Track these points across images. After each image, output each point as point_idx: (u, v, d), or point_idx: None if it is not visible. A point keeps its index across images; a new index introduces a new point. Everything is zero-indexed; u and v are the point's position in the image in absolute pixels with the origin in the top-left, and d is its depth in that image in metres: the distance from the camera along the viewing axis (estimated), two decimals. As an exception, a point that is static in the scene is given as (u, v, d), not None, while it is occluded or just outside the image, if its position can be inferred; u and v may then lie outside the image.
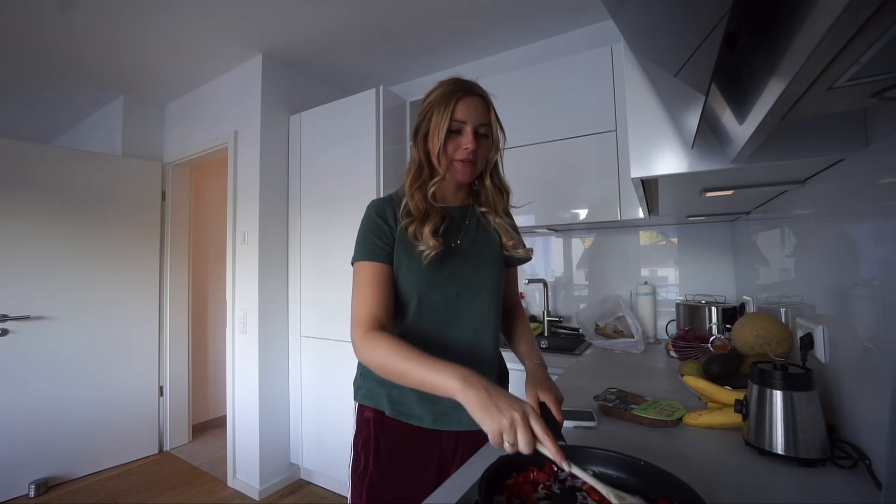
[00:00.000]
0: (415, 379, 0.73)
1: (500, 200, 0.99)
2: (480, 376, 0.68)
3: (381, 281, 0.87)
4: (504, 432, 0.60)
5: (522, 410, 0.61)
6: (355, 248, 0.91)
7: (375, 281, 0.86)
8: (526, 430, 0.59)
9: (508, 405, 0.62)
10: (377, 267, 0.87)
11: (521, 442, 0.59)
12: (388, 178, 2.12)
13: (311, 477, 2.45)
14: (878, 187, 0.67)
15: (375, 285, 0.86)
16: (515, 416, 0.60)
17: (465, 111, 0.87)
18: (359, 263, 0.89)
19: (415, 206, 0.90)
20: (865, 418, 0.72)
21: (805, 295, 1.02)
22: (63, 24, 2.03)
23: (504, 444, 0.60)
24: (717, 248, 1.92)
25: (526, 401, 0.65)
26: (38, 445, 2.38)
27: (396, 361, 0.76)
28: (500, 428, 0.60)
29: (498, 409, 0.61)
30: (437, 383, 0.70)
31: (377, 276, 0.87)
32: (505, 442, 0.60)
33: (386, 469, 0.90)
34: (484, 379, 0.67)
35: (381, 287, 0.86)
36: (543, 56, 2.25)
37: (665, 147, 0.85)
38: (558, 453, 0.58)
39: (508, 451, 0.60)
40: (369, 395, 0.94)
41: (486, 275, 0.94)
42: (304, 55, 2.42)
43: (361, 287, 0.87)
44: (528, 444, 0.59)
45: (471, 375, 0.67)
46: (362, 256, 0.88)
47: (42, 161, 2.48)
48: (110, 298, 2.69)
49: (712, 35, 0.42)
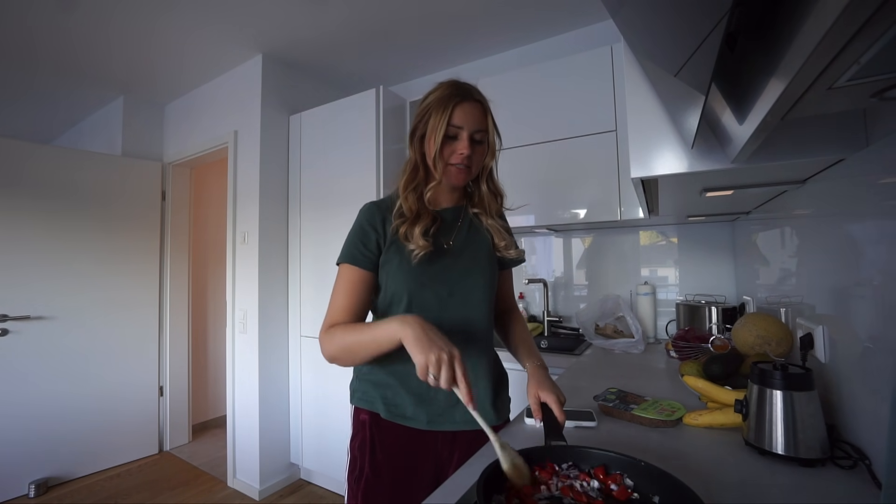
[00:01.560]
0: (367, 343, 0.80)
1: (493, 203, 1.00)
2: (419, 318, 0.74)
3: (356, 288, 0.90)
4: (430, 366, 0.66)
5: (450, 352, 0.67)
6: (342, 248, 0.93)
7: (351, 287, 0.90)
8: (449, 368, 0.66)
9: (440, 345, 0.68)
10: (356, 273, 0.90)
11: (442, 378, 0.65)
12: (388, 177, 2.12)
13: (311, 477, 2.45)
14: (878, 187, 0.67)
15: (349, 292, 0.90)
16: (443, 356, 0.66)
17: (462, 117, 0.87)
18: (342, 265, 0.92)
19: (408, 207, 0.91)
20: (865, 418, 0.72)
21: (805, 295, 1.02)
22: (63, 24, 2.03)
23: (428, 377, 0.66)
24: (717, 248, 1.92)
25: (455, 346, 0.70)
26: (38, 445, 2.38)
27: (347, 337, 0.82)
28: (426, 361, 0.66)
29: (430, 345, 0.68)
30: (383, 334, 0.76)
31: (353, 284, 0.90)
32: (429, 375, 0.66)
33: (382, 471, 0.90)
34: (423, 320, 0.73)
35: (354, 295, 0.90)
36: (543, 56, 2.25)
37: (665, 147, 0.85)
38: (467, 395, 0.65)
39: (432, 384, 0.67)
40: (365, 397, 0.94)
41: (478, 275, 0.95)
42: (304, 55, 2.43)
43: (338, 292, 0.90)
44: (448, 381, 0.65)
45: (408, 317, 0.74)
46: (345, 259, 0.92)
47: (42, 161, 2.48)
48: (110, 298, 2.69)
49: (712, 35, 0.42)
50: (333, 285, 0.92)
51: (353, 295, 0.89)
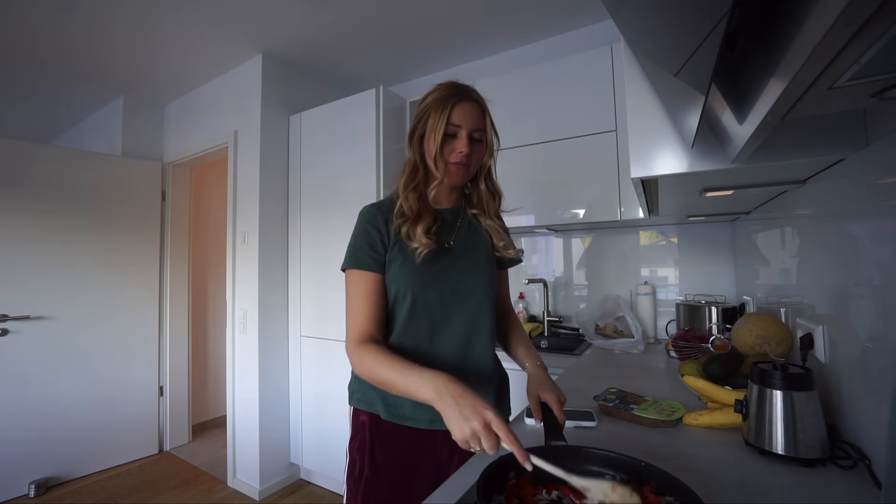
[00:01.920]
0: (399, 389, 0.77)
1: (492, 203, 1.01)
2: (452, 383, 0.70)
3: (371, 292, 0.89)
4: (469, 441, 0.64)
5: (483, 419, 0.64)
6: (346, 255, 0.93)
7: (366, 293, 0.89)
8: (488, 436, 0.63)
9: (471, 414, 0.65)
10: (368, 277, 0.90)
11: (486, 446, 0.63)
12: (388, 177, 2.12)
13: (311, 477, 2.45)
14: (878, 187, 0.67)
15: (366, 297, 0.89)
16: (476, 427, 0.64)
17: (460, 116, 0.88)
18: (350, 271, 0.91)
19: (408, 206, 0.91)
20: (865, 418, 0.72)
21: (805, 295, 1.02)
22: (63, 24, 2.03)
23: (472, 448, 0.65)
24: (717, 248, 1.92)
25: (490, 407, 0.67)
26: (38, 445, 2.38)
27: (381, 372, 0.79)
28: (464, 438, 0.65)
29: (463, 420, 0.65)
30: (415, 392, 0.74)
31: (368, 288, 0.89)
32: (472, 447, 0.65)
33: (381, 472, 0.90)
34: (454, 386, 0.70)
35: (371, 299, 0.89)
36: (543, 56, 2.24)
37: (665, 147, 0.85)
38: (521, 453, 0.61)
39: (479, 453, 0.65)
40: (364, 398, 0.94)
41: (478, 274, 0.95)
42: (304, 55, 2.42)
43: (354, 299, 0.90)
44: (492, 447, 0.63)
45: (442, 386, 0.70)
46: (353, 265, 0.91)
47: (42, 161, 2.48)
48: (110, 298, 2.69)
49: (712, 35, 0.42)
50: (346, 293, 0.91)
51: (370, 300, 0.89)
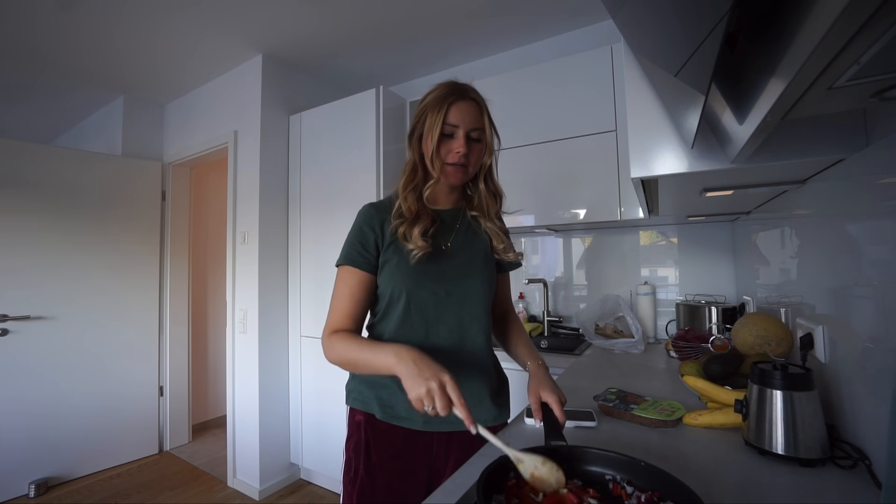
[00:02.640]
0: (367, 365, 0.81)
1: (492, 204, 1.00)
2: (412, 349, 0.74)
3: (354, 290, 0.91)
4: (423, 399, 0.67)
5: (439, 380, 0.67)
6: (342, 249, 0.94)
7: (349, 291, 0.91)
8: (442, 396, 0.66)
9: (429, 375, 0.68)
10: (355, 275, 0.91)
11: (438, 406, 0.66)
12: (388, 177, 2.12)
13: (311, 477, 2.45)
14: (878, 187, 0.67)
15: (349, 294, 0.91)
16: (432, 385, 0.67)
17: (457, 115, 0.88)
18: (341, 267, 0.93)
19: (407, 207, 0.91)
20: (865, 418, 0.72)
21: (805, 295, 1.02)
22: (63, 24, 2.03)
23: (425, 408, 0.67)
24: (717, 248, 1.92)
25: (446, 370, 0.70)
26: (38, 445, 2.38)
27: (348, 353, 0.84)
28: (419, 395, 0.67)
29: (421, 378, 0.68)
30: (379, 363, 0.77)
31: (352, 286, 0.91)
32: (425, 407, 0.67)
33: (376, 472, 0.90)
34: (415, 352, 0.74)
35: (353, 297, 0.91)
36: (543, 56, 2.25)
37: (665, 147, 0.85)
38: (468, 417, 0.65)
39: (431, 414, 0.67)
40: (360, 398, 0.94)
41: (475, 276, 0.95)
42: (304, 55, 2.42)
43: (338, 295, 0.91)
44: (444, 408, 0.66)
45: (402, 351, 0.74)
46: (344, 261, 0.92)
47: (42, 161, 2.48)
48: (110, 298, 2.69)
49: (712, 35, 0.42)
50: (333, 287, 0.92)
51: (352, 298, 0.90)
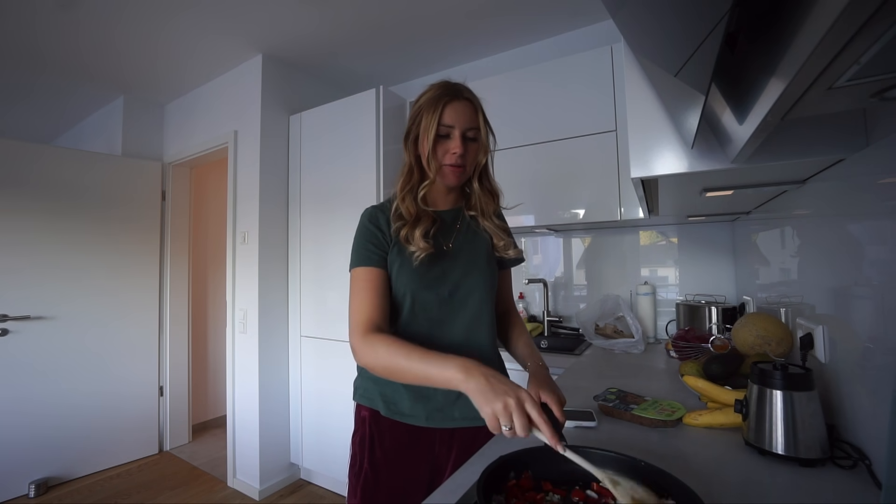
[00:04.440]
0: (418, 375, 0.74)
1: (490, 203, 0.99)
2: (480, 364, 0.69)
3: (376, 285, 0.88)
4: (499, 416, 0.61)
5: (517, 396, 0.62)
6: (351, 256, 0.93)
7: (370, 285, 0.88)
8: (521, 414, 0.60)
9: (504, 390, 0.63)
10: (372, 272, 0.89)
11: (517, 426, 0.60)
12: (387, 177, 2.12)
13: (311, 477, 2.45)
14: (878, 187, 0.67)
15: (371, 290, 0.88)
16: (510, 401, 0.61)
17: (452, 115, 0.88)
18: (355, 269, 0.91)
19: (406, 209, 0.91)
20: (865, 418, 0.72)
21: (805, 295, 1.02)
22: (63, 24, 2.03)
23: (501, 428, 0.61)
24: (717, 248, 1.92)
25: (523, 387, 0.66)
26: (38, 445, 2.37)
27: (397, 360, 0.77)
28: (494, 412, 0.61)
29: (494, 394, 0.63)
30: (440, 376, 0.71)
31: (372, 281, 0.88)
32: (502, 426, 0.61)
33: (380, 467, 0.91)
34: (484, 367, 0.68)
35: (376, 291, 0.88)
36: (543, 56, 2.24)
37: (665, 147, 0.85)
38: (553, 437, 0.59)
39: (507, 435, 0.61)
40: (366, 394, 0.95)
41: (477, 275, 0.95)
42: (304, 55, 2.42)
43: (357, 292, 0.88)
44: (524, 427, 0.60)
45: (471, 365, 0.69)
46: (357, 262, 0.91)
47: (42, 161, 2.48)
48: (110, 298, 2.69)
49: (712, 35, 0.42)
50: (350, 290, 0.90)
51: (375, 291, 0.88)
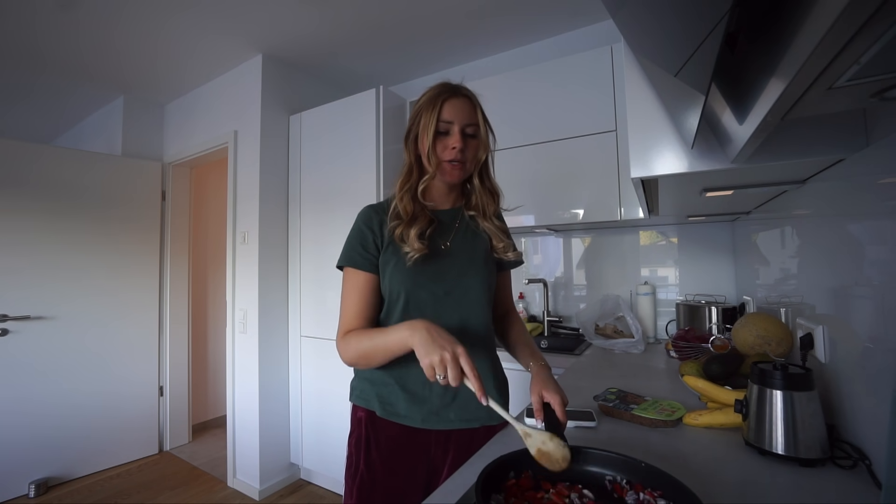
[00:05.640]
0: (381, 349, 0.81)
1: (490, 202, 0.99)
2: (427, 322, 0.74)
3: (361, 291, 0.92)
4: (435, 366, 0.67)
5: (453, 349, 0.67)
6: (342, 252, 0.95)
7: (356, 291, 0.92)
8: (455, 365, 0.66)
9: (443, 344, 0.68)
10: (359, 276, 0.92)
11: (450, 375, 0.66)
12: (387, 177, 2.12)
13: (311, 477, 2.45)
14: (878, 187, 0.67)
15: (356, 296, 0.92)
16: (445, 354, 0.67)
17: (451, 112, 0.89)
18: (346, 269, 0.94)
19: (403, 208, 0.92)
20: (865, 418, 0.72)
21: (805, 295, 1.02)
22: (63, 24, 2.03)
23: (436, 377, 0.67)
24: (717, 248, 1.92)
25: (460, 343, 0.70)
26: (38, 445, 2.37)
27: (363, 343, 0.84)
28: (432, 363, 0.67)
29: (433, 346, 0.68)
30: (395, 341, 0.77)
31: (357, 286, 0.92)
32: (437, 375, 0.67)
33: (375, 468, 0.91)
34: (428, 322, 0.74)
35: (361, 297, 0.92)
36: (543, 56, 2.24)
37: (665, 147, 0.85)
38: (479, 389, 0.65)
39: (441, 383, 0.67)
40: (362, 395, 0.96)
41: (474, 276, 0.95)
42: (304, 55, 2.42)
43: (345, 297, 0.93)
44: (455, 378, 0.66)
45: (417, 323, 0.75)
46: (346, 262, 0.93)
47: (42, 161, 2.48)
48: (110, 298, 2.69)
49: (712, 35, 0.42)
50: (341, 290, 0.93)
51: (360, 298, 0.91)
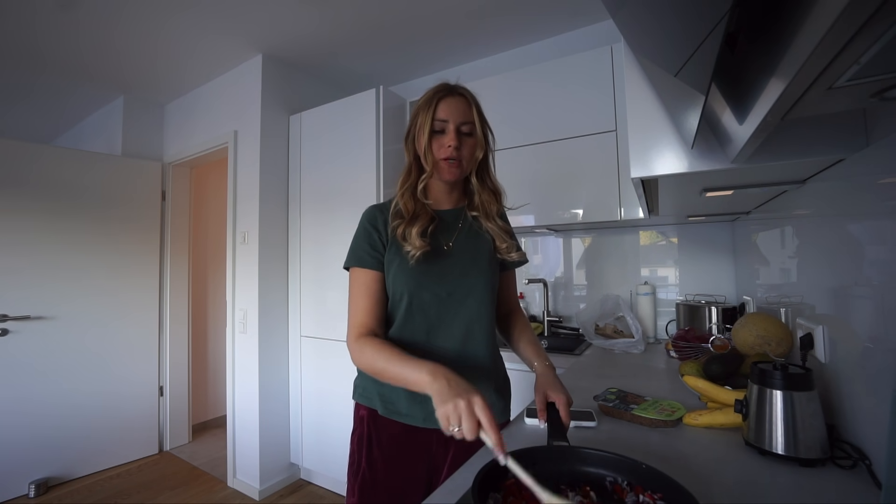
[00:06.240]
0: (396, 378, 0.78)
1: (492, 202, 0.99)
2: (450, 371, 0.71)
3: (371, 289, 0.91)
4: (450, 417, 0.62)
5: (468, 398, 0.63)
6: (348, 253, 0.95)
7: (366, 289, 0.91)
8: (469, 417, 0.61)
9: (458, 393, 0.64)
10: (368, 274, 0.92)
11: (465, 428, 0.61)
12: (388, 177, 2.12)
13: (311, 477, 2.45)
14: (878, 187, 0.67)
15: (366, 294, 0.91)
16: (460, 404, 0.62)
17: (446, 110, 0.89)
18: (352, 269, 0.94)
19: (404, 206, 0.92)
20: (865, 418, 0.72)
21: (805, 295, 1.02)
22: (63, 24, 2.03)
23: (451, 429, 0.63)
24: (717, 248, 1.92)
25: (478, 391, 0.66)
26: (38, 445, 2.37)
27: (378, 363, 0.81)
28: (445, 413, 0.63)
29: (448, 396, 0.64)
30: (412, 380, 0.74)
31: (367, 284, 0.91)
32: (451, 427, 0.63)
33: (377, 466, 0.92)
34: (451, 372, 0.70)
35: (371, 295, 0.91)
36: (543, 56, 2.24)
37: (665, 147, 0.85)
38: (497, 444, 0.58)
39: (456, 436, 0.62)
40: (364, 394, 0.96)
41: (477, 276, 0.95)
42: (304, 55, 2.42)
43: (354, 295, 0.92)
44: (471, 430, 0.61)
45: (439, 370, 0.71)
46: (354, 262, 0.93)
47: (42, 161, 2.48)
48: (110, 298, 2.69)
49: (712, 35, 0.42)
50: (349, 291, 0.94)
51: (368, 296, 0.91)
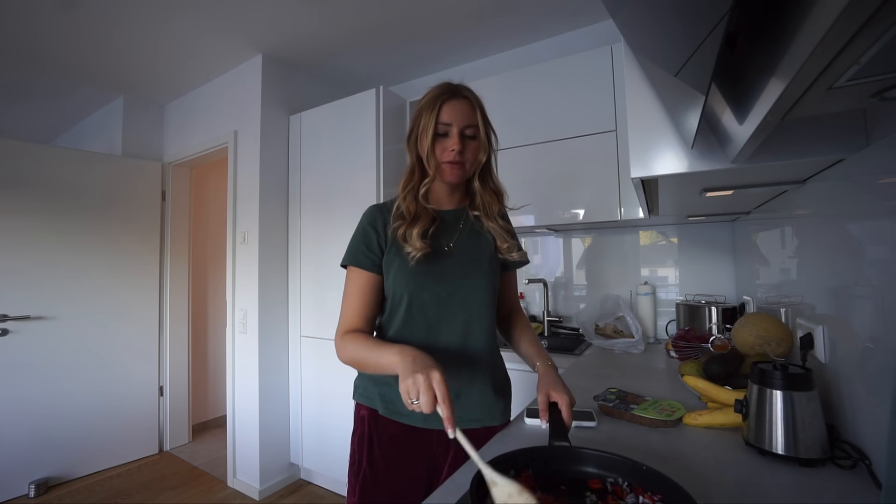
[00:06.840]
0: (374, 364, 0.81)
1: (494, 203, 0.99)
2: (417, 350, 0.73)
3: (363, 290, 0.92)
4: (409, 391, 0.66)
5: (427, 373, 0.66)
6: (346, 251, 0.95)
7: (358, 290, 0.92)
8: (427, 390, 0.64)
9: (419, 368, 0.67)
10: (362, 275, 0.93)
11: (421, 401, 0.64)
12: (388, 177, 2.12)
13: (311, 477, 2.45)
14: (878, 187, 0.67)
15: (357, 294, 0.92)
16: (419, 378, 0.65)
17: (450, 113, 0.88)
18: (349, 268, 0.94)
19: (406, 207, 0.92)
20: (865, 418, 0.72)
21: (805, 295, 1.02)
22: (63, 24, 2.03)
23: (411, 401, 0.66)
24: (717, 248, 1.92)
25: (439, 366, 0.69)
26: (38, 445, 2.37)
27: (359, 353, 0.84)
28: (406, 388, 0.66)
29: (410, 371, 0.67)
30: (384, 363, 0.77)
31: (360, 285, 0.92)
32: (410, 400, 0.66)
33: (377, 466, 0.92)
34: (417, 350, 0.73)
35: (362, 295, 0.92)
36: (543, 56, 2.24)
37: (665, 147, 0.85)
38: (448, 418, 0.62)
39: (416, 409, 0.65)
40: (365, 394, 0.96)
41: (477, 277, 0.95)
42: (304, 55, 2.42)
43: (347, 295, 0.93)
44: (427, 404, 0.64)
45: (407, 349, 0.74)
46: (349, 261, 0.94)
47: (42, 161, 2.48)
48: (110, 298, 2.69)
49: (712, 35, 0.42)
50: (344, 288, 0.94)
51: (360, 298, 0.91)
